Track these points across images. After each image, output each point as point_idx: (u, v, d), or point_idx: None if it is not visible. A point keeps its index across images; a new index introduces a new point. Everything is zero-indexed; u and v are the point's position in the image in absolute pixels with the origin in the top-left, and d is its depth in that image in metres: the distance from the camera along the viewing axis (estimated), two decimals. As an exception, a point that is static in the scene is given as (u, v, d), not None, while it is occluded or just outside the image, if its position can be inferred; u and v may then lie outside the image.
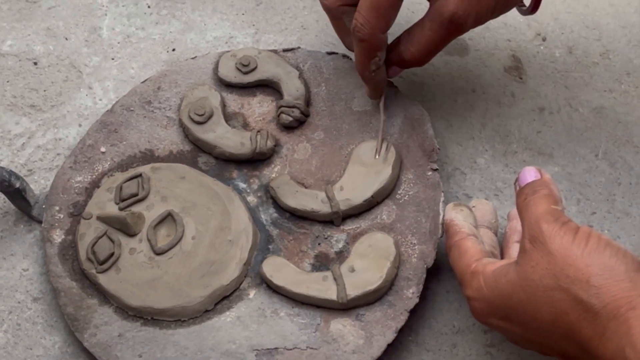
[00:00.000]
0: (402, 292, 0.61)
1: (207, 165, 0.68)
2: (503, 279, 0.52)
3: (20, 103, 0.73)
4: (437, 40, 0.62)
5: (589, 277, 0.48)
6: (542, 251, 0.50)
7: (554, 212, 0.51)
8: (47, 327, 0.63)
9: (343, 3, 0.64)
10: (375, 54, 0.63)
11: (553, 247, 0.49)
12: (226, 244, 0.63)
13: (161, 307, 0.61)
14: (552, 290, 0.49)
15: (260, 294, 0.62)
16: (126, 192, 0.65)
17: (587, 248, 0.49)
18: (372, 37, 0.61)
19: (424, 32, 0.62)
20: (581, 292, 0.48)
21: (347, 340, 0.59)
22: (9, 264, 0.65)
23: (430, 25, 0.62)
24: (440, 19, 0.61)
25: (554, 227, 0.50)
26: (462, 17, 0.60)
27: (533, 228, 0.51)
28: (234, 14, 0.78)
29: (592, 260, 0.48)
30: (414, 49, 0.63)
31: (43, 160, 0.70)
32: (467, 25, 0.61)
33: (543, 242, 0.50)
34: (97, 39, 0.77)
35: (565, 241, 0.49)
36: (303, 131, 0.69)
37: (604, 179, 0.69)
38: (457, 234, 0.59)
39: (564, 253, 0.49)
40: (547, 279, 0.49)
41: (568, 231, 0.50)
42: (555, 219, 0.51)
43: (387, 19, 0.61)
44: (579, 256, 0.48)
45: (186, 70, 0.72)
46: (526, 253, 0.51)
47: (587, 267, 0.48)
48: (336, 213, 0.64)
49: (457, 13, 0.60)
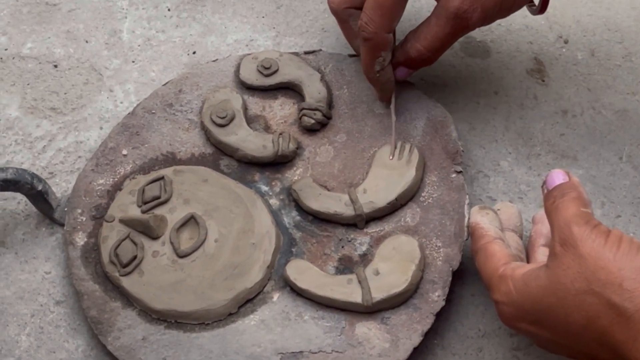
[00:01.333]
0: (428, 295, 0.60)
1: (229, 168, 0.68)
2: (533, 282, 0.51)
3: (41, 106, 0.73)
4: (443, 36, 0.63)
5: (622, 281, 0.47)
6: (573, 254, 0.49)
7: (584, 214, 0.51)
8: (70, 330, 0.63)
9: (349, 5, 0.65)
10: (379, 53, 0.63)
11: (584, 250, 0.49)
12: (249, 247, 0.63)
13: (185, 310, 0.60)
14: (583, 294, 0.48)
15: (284, 297, 0.62)
16: (148, 195, 0.65)
17: (619, 252, 0.48)
18: (376, 35, 0.62)
19: (430, 29, 0.63)
20: (614, 296, 0.47)
21: (372, 344, 0.59)
22: (31, 267, 0.65)
23: (436, 21, 0.62)
24: (445, 14, 0.61)
25: (585, 230, 0.50)
26: (467, 11, 0.61)
27: (563, 231, 0.50)
28: (254, 16, 0.78)
29: (624, 264, 0.48)
30: (420, 45, 0.64)
31: (64, 163, 0.70)
32: (472, 20, 0.62)
33: (574, 245, 0.49)
34: (118, 41, 0.77)
35: (596, 244, 0.49)
36: (325, 134, 0.69)
37: (629, 181, 0.68)
38: (483, 238, 0.58)
39: (595, 256, 0.48)
40: (579, 283, 0.48)
41: (599, 234, 0.49)
42: (586, 221, 0.50)
43: (392, 17, 0.62)
44: (611, 260, 0.48)
45: (207, 73, 0.72)
46: (557, 256, 0.50)
47: (620, 271, 0.47)
48: (359, 216, 0.64)
49: (462, 7, 0.61)
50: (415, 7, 0.77)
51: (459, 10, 0.61)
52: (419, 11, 0.77)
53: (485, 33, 0.76)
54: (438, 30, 0.63)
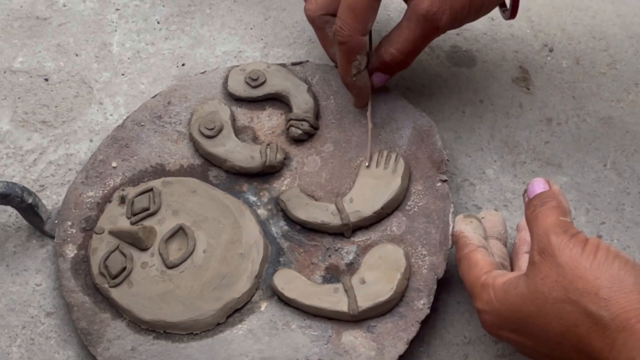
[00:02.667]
0: (413, 303, 0.61)
1: (218, 179, 0.68)
2: (513, 291, 0.52)
3: (32, 119, 0.73)
4: (414, 38, 0.64)
5: (598, 290, 0.48)
6: (551, 263, 0.50)
7: (563, 223, 0.52)
8: (60, 341, 0.63)
9: (325, 12, 0.66)
10: (355, 56, 0.64)
11: (562, 259, 0.49)
12: (237, 257, 0.63)
13: (173, 320, 0.61)
14: (561, 302, 0.49)
15: (271, 306, 0.62)
16: (138, 207, 0.65)
17: (596, 260, 0.49)
18: (351, 38, 0.63)
19: (401, 32, 0.64)
20: (590, 305, 0.48)
21: (358, 352, 0.59)
22: (22, 279, 0.66)
23: (407, 24, 0.63)
24: (415, 17, 0.63)
25: (562, 239, 0.50)
26: (436, 13, 0.62)
27: (542, 240, 0.51)
28: (242, 28, 0.79)
29: (601, 273, 0.48)
30: (393, 49, 0.65)
31: (55, 175, 0.70)
32: (441, 22, 0.63)
33: (552, 255, 0.50)
34: (108, 54, 0.77)
35: (574, 253, 0.49)
36: (312, 144, 0.69)
37: (613, 188, 0.69)
38: (467, 246, 0.59)
39: (572, 265, 0.49)
40: (557, 292, 0.49)
41: (577, 243, 0.50)
42: (564, 230, 0.51)
43: (365, 20, 0.63)
44: (588, 268, 0.49)
45: (196, 85, 0.72)
46: (535, 265, 0.51)
47: (596, 280, 0.48)
48: (346, 225, 0.64)
49: (431, 10, 0.62)
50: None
51: (428, 13, 0.62)
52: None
53: (470, 42, 0.77)
54: (409, 33, 0.64)
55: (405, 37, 0.64)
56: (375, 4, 0.63)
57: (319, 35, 0.69)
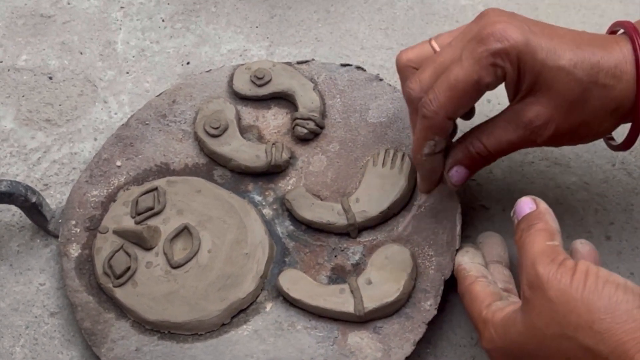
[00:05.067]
0: (420, 304, 0.61)
1: (223, 179, 0.68)
2: (512, 328, 0.51)
3: (36, 118, 0.73)
4: (508, 142, 0.58)
5: (592, 324, 0.47)
6: (542, 298, 0.49)
7: (550, 251, 0.50)
8: (64, 341, 0.63)
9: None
10: (433, 136, 0.58)
11: (552, 293, 0.48)
12: (242, 257, 0.63)
13: (178, 321, 0.61)
14: (559, 338, 0.48)
15: (277, 307, 0.62)
16: (142, 206, 0.65)
17: (586, 290, 0.48)
18: (436, 115, 0.56)
19: (495, 129, 0.58)
20: (587, 340, 0.47)
21: (365, 354, 0.59)
22: (26, 278, 0.65)
23: (504, 125, 0.57)
24: (515, 121, 0.57)
25: (550, 270, 0.49)
26: (539, 127, 0.56)
27: (530, 272, 0.50)
28: (248, 27, 0.79)
29: (592, 304, 0.47)
30: (482, 143, 0.58)
31: (59, 174, 0.70)
32: (541, 137, 0.57)
33: (542, 288, 0.49)
34: (112, 53, 0.77)
35: (563, 285, 0.48)
36: (318, 143, 0.69)
37: (622, 188, 0.68)
38: (466, 279, 0.58)
39: (563, 299, 0.48)
40: (553, 328, 0.48)
41: (565, 273, 0.49)
42: (551, 259, 0.50)
43: (459, 104, 0.56)
44: (579, 300, 0.47)
45: (201, 84, 0.72)
46: (528, 301, 0.50)
47: (589, 313, 0.47)
48: (352, 225, 0.64)
49: (534, 122, 0.56)
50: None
51: (530, 124, 0.56)
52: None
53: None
54: (504, 135, 0.57)
55: (497, 136, 0.57)
56: (478, 93, 0.56)
57: (412, 118, 0.60)
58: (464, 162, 0.59)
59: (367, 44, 0.77)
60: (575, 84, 0.55)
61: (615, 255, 0.65)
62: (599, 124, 0.57)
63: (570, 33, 0.57)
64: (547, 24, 0.58)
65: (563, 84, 0.55)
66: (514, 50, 0.54)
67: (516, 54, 0.54)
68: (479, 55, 0.55)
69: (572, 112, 0.56)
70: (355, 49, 0.77)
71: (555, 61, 0.54)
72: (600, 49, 0.55)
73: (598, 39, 0.57)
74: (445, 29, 0.77)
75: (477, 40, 0.55)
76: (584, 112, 0.56)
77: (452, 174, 0.60)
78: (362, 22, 0.79)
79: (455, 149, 0.60)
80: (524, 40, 0.54)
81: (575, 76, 0.55)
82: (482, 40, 0.55)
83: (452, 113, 0.57)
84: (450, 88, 0.55)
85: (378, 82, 0.71)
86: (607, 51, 0.55)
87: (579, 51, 0.55)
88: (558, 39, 0.55)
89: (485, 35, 0.55)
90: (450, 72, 0.56)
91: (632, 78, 0.55)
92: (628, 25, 0.57)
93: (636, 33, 0.56)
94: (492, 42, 0.54)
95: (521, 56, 0.54)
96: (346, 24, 0.79)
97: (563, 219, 0.66)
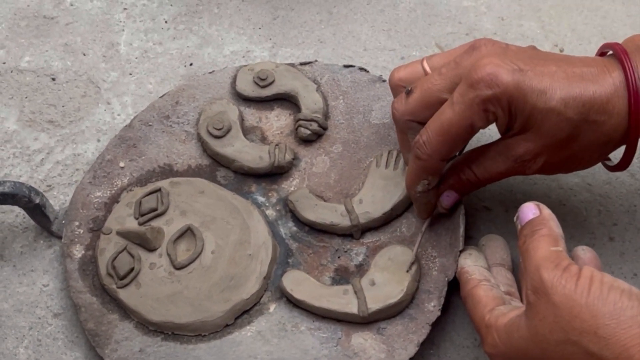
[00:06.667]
0: (423, 305, 0.61)
1: (226, 180, 0.68)
2: (515, 334, 0.51)
3: (39, 119, 0.73)
4: (497, 172, 0.59)
5: (597, 329, 0.47)
6: (546, 303, 0.49)
7: (554, 256, 0.50)
8: (68, 342, 0.63)
9: (411, 119, 0.60)
10: (426, 176, 0.60)
11: (556, 298, 0.48)
12: (246, 258, 0.63)
13: (182, 322, 0.61)
14: (563, 344, 0.48)
15: (280, 308, 0.62)
16: (145, 207, 0.65)
17: (591, 295, 0.47)
18: (430, 158, 0.58)
19: (486, 159, 0.59)
20: (591, 345, 0.47)
21: (368, 355, 0.59)
22: (29, 279, 0.65)
23: (494, 156, 0.59)
24: (505, 154, 0.58)
25: (554, 275, 0.49)
26: (528, 161, 0.58)
27: (534, 278, 0.50)
28: (250, 28, 0.79)
29: (597, 310, 0.47)
30: (472, 171, 0.60)
31: (62, 175, 0.70)
32: (531, 170, 0.59)
33: (546, 293, 0.49)
34: (115, 54, 0.77)
35: (567, 291, 0.48)
36: (321, 144, 0.69)
37: (625, 190, 0.68)
38: (469, 283, 0.58)
39: (568, 305, 0.48)
40: (557, 333, 0.48)
41: (569, 279, 0.49)
42: (555, 265, 0.50)
43: (451, 148, 0.57)
44: (584, 306, 0.47)
45: (204, 85, 0.72)
46: (532, 306, 0.50)
47: (594, 318, 0.47)
48: (356, 226, 0.64)
49: (524, 157, 0.57)
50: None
51: (520, 158, 0.57)
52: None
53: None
54: (494, 165, 0.59)
55: (488, 166, 0.59)
56: (470, 135, 0.57)
57: (399, 137, 0.63)
58: (455, 187, 0.61)
59: (370, 45, 0.77)
60: (566, 123, 0.55)
61: (618, 256, 0.65)
62: (589, 157, 0.59)
63: (562, 67, 0.56)
64: (538, 56, 0.58)
65: (553, 124, 0.55)
66: (505, 96, 0.55)
67: (507, 99, 0.55)
68: (470, 101, 0.55)
69: (562, 147, 0.57)
70: (358, 50, 0.77)
71: (545, 103, 0.55)
72: (592, 83, 0.55)
73: (590, 69, 0.56)
74: (448, 31, 0.78)
75: (468, 84, 0.55)
76: (574, 147, 0.57)
77: (443, 198, 0.62)
78: (364, 23, 0.79)
79: (447, 176, 0.61)
80: (514, 84, 0.55)
81: (565, 115, 0.55)
82: (473, 85, 0.55)
83: (445, 156, 0.58)
84: (443, 132, 0.56)
85: (381, 83, 0.71)
86: (599, 84, 0.55)
87: (571, 89, 0.55)
88: (549, 78, 0.55)
89: (476, 79, 0.55)
90: (443, 115, 0.56)
91: (624, 110, 0.55)
92: (618, 48, 0.57)
93: (626, 56, 0.56)
94: (483, 88, 0.55)
95: (512, 101, 0.55)
96: (349, 25, 0.79)
97: (566, 220, 0.66)
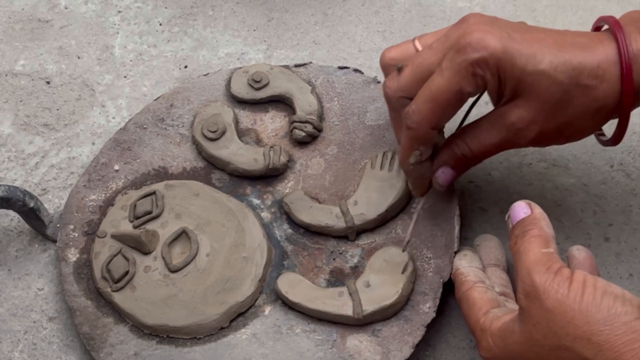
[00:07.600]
0: (419, 306, 0.60)
1: (221, 182, 0.68)
2: (510, 339, 0.51)
3: (34, 122, 0.73)
4: (492, 144, 0.58)
5: (590, 335, 0.46)
6: (539, 308, 0.48)
7: (545, 259, 0.50)
8: (63, 346, 0.63)
9: (405, 95, 0.59)
10: (418, 146, 0.58)
11: (549, 303, 0.48)
12: (241, 261, 0.63)
13: (177, 325, 0.61)
14: (557, 349, 0.48)
15: (275, 310, 0.62)
16: (140, 210, 0.65)
17: (584, 301, 0.47)
18: (420, 127, 0.57)
19: (480, 132, 0.58)
20: (585, 351, 0.47)
21: (364, 356, 0.59)
22: (24, 283, 0.65)
23: (488, 127, 0.58)
24: (499, 123, 0.57)
25: (546, 279, 0.49)
26: (522, 129, 0.56)
27: (525, 282, 0.49)
28: (245, 30, 0.79)
29: (590, 316, 0.47)
30: (467, 146, 0.59)
31: (57, 179, 0.70)
32: (525, 140, 0.57)
33: (538, 298, 0.48)
34: (110, 57, 0.77)
35: (560, 296, 0.48)
36: (316, 146, 0.69)
37: (620, 190, 0.68)
38: (463, 284, 0.58)
39: (561, 310, 0.48)
40: (550, 339, 0.48)
41: (561, 283, 0.48)
42: (547, 268, 0.49)
43: (441, 115, 0.56)
44: (577, 311, 0.47)
45: (198, 87, 0.72)
46: (525, 311, 0.49)
47: (587, 325, 0.47)
48: (351, 228, 0.64)
49: (517, 124, 0.56)
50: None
51: (513, 126, 0.56)
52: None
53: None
54: (488, 137, 0.58)
55: (482, 139, 0.58)
56: (460, 102, 0.56)
57: (392, 115, 0.63)
58: (450, 163, 0.60)
59: (365, 46, 0.77)
60: (557, 87, 0.55)
61: (614, 256, 0.65)
62: (583, 124, 0.58)
63: (552, 35, 0.56)
64: (528, 27, 0.57)
65: (544, 87, 0.55)
66: (493, 59, 0.54)
67: (495, 62, 0.54)
68: (458, 66, 0.55)
69: (555, 113, 0.56)
70: (352, 52, 0.77)
71: (534, 66, 0.54)
72: (582, 50, 0.55)
73: (581, 39, 0.56)
74: (443, 31, 0.77)
75: (456, 49, 0.55)
76: (567, 113, 0.56)
77: (439, 174, 0.61)
78: (359, 24, 0.79)
79: (442, 151, 0.60)
80: (502, 47, 0.54)
81: (556, 79, 0.54)
82: (460, 50, 0.55)
83: (436, 124, 0.57)
84: (432, 99, 0.56)
85: (376, 84, 0.71)
86: (589, 51, 0.55)
87: (560, 54, 0.55)
88: (538, 43, 0.55)
89: (463, 45, 0.54)
90: (432, 83, 0.56)
91: (616, 77, 0.55)
92: (612, 20, 0.57)
93: (619, 29, 0.55)
94: (470, 51, 0.54)
95: (500, 64, 0.54)
96: (344, 27, 0.79)
97: (561, 220, 0.66)
